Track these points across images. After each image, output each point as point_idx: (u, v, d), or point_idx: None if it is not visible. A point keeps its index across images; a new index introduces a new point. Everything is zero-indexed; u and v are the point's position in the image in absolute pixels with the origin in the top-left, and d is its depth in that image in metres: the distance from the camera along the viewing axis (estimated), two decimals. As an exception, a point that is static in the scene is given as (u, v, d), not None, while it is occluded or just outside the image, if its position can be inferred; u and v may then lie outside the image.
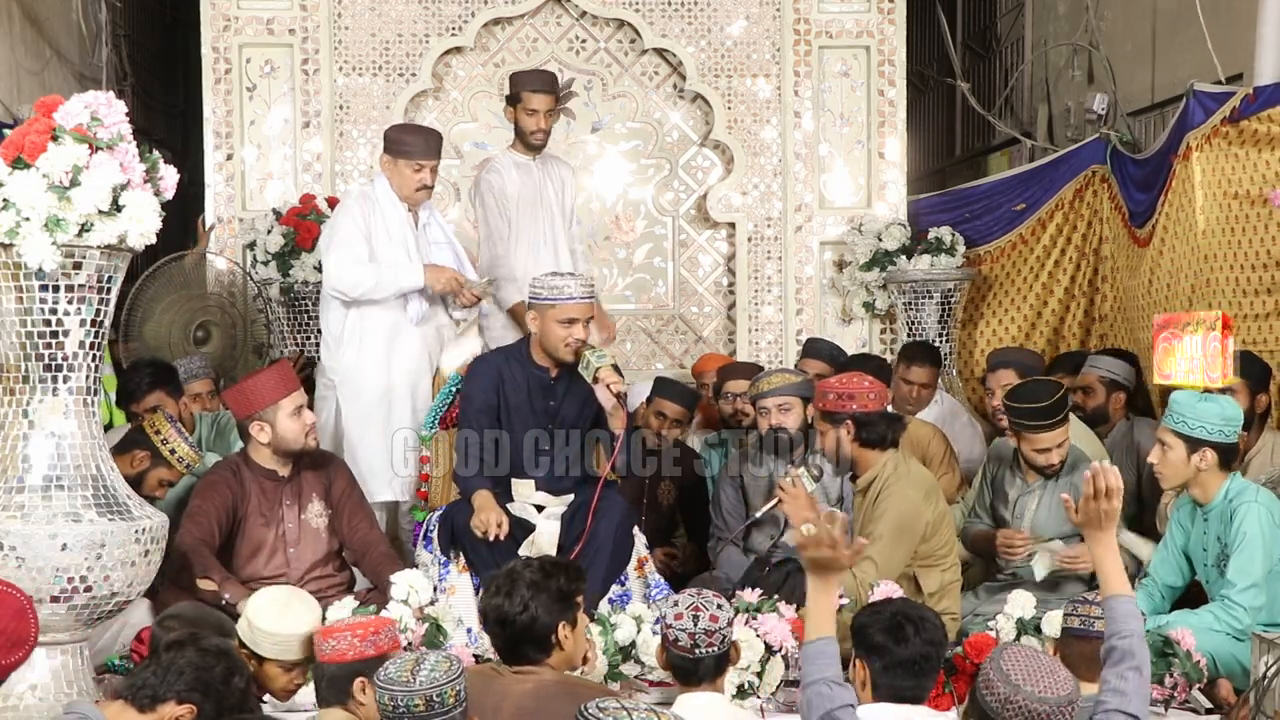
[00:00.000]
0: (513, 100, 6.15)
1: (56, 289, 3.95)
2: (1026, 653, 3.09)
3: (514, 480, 5.03)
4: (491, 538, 4.84)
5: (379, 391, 5.55)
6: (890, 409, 5.06)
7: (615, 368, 5.05)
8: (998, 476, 5.33)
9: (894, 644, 3.50)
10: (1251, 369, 5.44)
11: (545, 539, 4.88)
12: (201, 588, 4.65)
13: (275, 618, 3.84)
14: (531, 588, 3.59)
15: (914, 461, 4.97)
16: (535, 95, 6.08)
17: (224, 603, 4.52)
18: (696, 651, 3.62)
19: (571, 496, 5.02)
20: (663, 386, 6.14)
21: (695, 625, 3.62)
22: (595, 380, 5.00)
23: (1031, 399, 5.08)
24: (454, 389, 5.38)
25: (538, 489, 5.03)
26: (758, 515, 5.04)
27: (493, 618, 3.62)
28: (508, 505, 4.97)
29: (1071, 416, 5.98)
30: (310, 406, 5.10)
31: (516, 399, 5.10)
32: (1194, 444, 4.54)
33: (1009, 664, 3.02)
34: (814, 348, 6.59)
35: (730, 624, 3.68)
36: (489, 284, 5.78)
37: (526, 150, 6.21)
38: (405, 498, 5.52)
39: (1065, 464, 5.16)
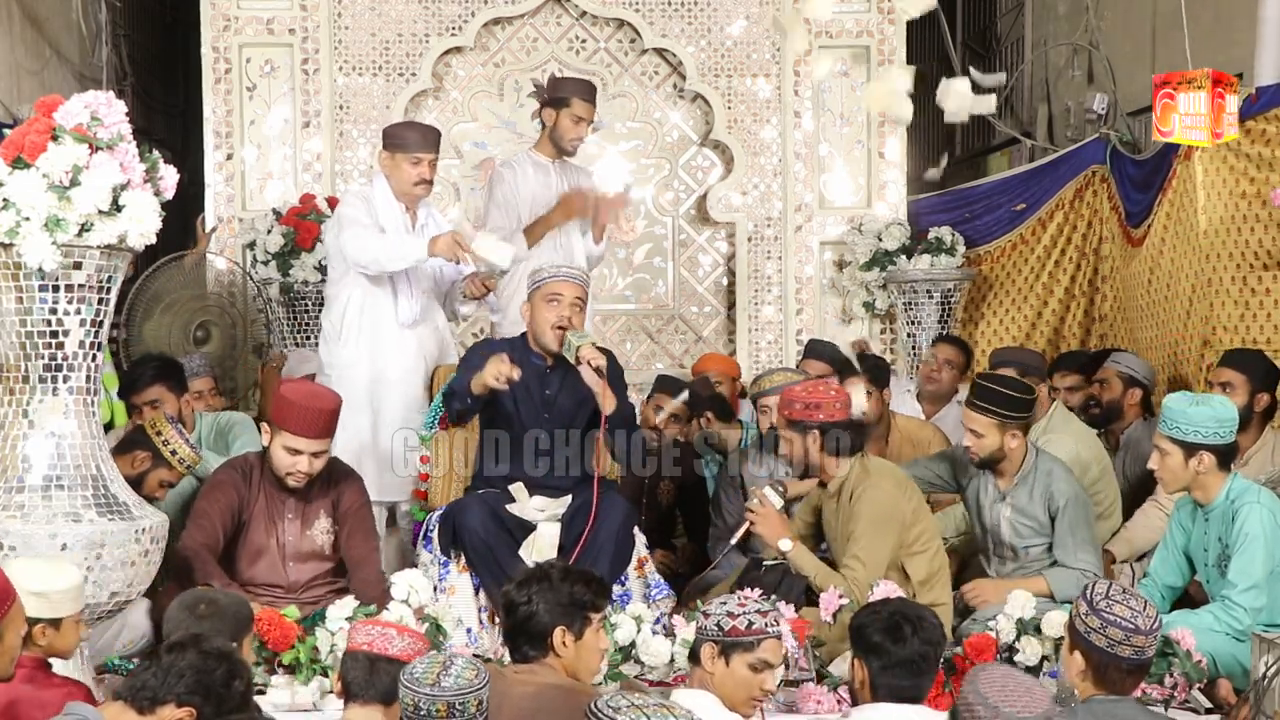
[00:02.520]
0: (557, 104, 6.09)
1: (56, 289, 3.95)
2: (1002, 673, 3.09)
3: (509, 488, 5.01)
4: (505, 380, 4.84)
5: (372, 390, 5.55)
6: (858, 415, 5.00)
7: (596, 346, 5.01)
8: (969, 488, 5.20)
9: (892, 643, 3.50)
10: (1254, 367, 5.41)
11: (546, 540, 4.87)
12: (201, 593, 4.65)
13: (60, 575, 3.65)
14: (543, 582, 3.61)
15: (874, 457, 4.96)
16: (582, 103, 6.03)
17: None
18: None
19: (570, 498, 5.01)
20: (663, 383, 6.14)
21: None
22: (577, 361, 4.98)
23: (991, 379, 5.01)
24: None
25: (537, 492, 5.01)
26: (732, 542, 5.02)
27: (502, 603, 3.68)
28: (508, 506, 4.96)
29: (1076, 422, 5.93)
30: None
31: (514, 386, 5.09)
32: (1190, 449, 4.52)
33: (987, 687, 3.02)
34: (815, 349, 6.58)
35: (721, 629, 3.59)
36: (500, 275, 5.76)
37: (554, 153, 6.16)
38: (400, 498, 5.51)
39: (1026, 473, 4.97)
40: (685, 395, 5.95)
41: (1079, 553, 4.87)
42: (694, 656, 3.67)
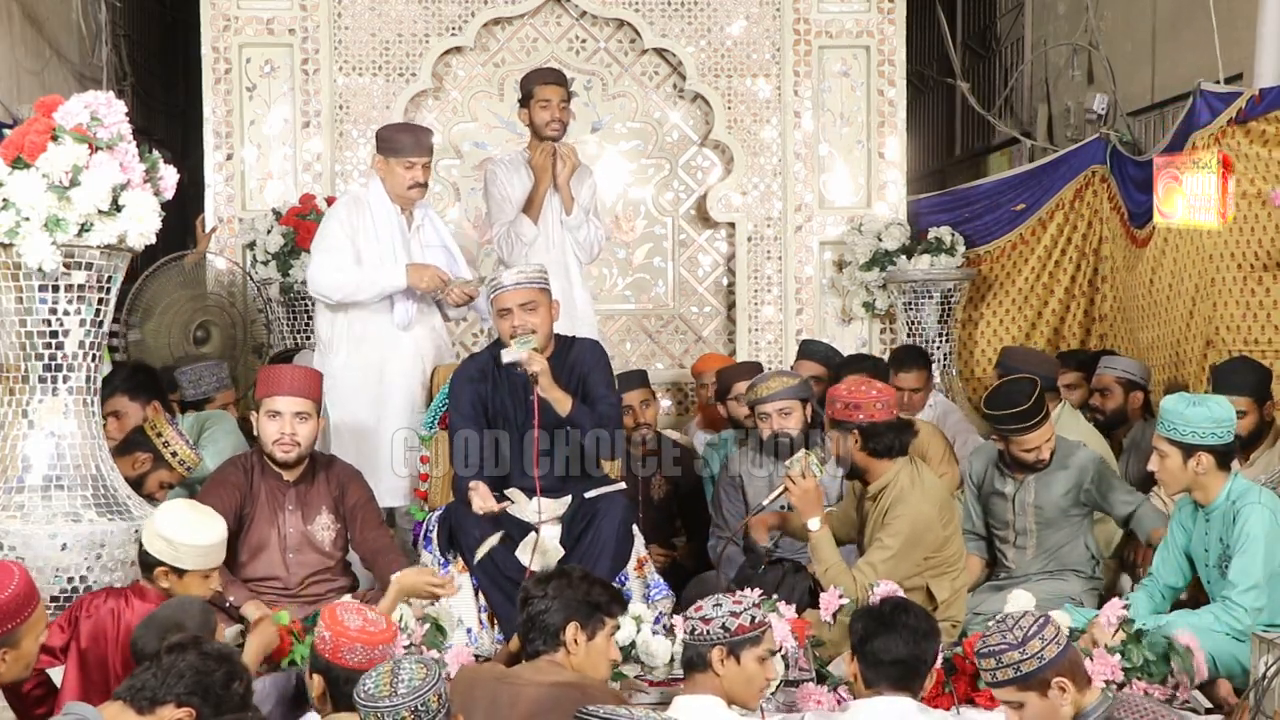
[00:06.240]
0: (525, 101, 6.10)
1: (56, 289, 3.95)
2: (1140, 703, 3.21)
3: (508, 491, 5.01)
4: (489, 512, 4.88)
5: (370, 396, 5.54)
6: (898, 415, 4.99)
7: (535, 350, 4.96)
8: (985, 481, 5.29)
9: (879, 625, 3.62)
10: (1247, 382, 5.33)
11: (549, 542, 4.86)
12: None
13: (195, 531, 3.94)
14: (563, 580, 3.71)
15: (927, 470, 4.89)
16: (545, 86, 6.03)
17: (228, 605, 4.51)
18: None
19: (569, 499, 5.00)
20: (633, 379, 6.16)
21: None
22: (521, 366, 4.98)
23: (1008, 404, 5.03)
24: (455, 389, 5.41)
25: (538, 494, 4.99)
26: (764, 505, 5.00)
27: (519, 597, 3.77)
28: (507, 508, 4.96)
29: (1082, 420, 5.97)
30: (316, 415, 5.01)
31: (499, 397, 5.10)
32: (1188, 450, 4.51)
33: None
34: (809, 349, 6.59)
35: (728, 631, 3.59)
36: (481, 281, 5.76)
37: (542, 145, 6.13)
38: (401, 503, 5.51)
39: (1055, 455, 5.14)
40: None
41: (1128, 497, 5.15)
42: (691, 664, 3.64)
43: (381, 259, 5.51)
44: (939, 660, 3.85)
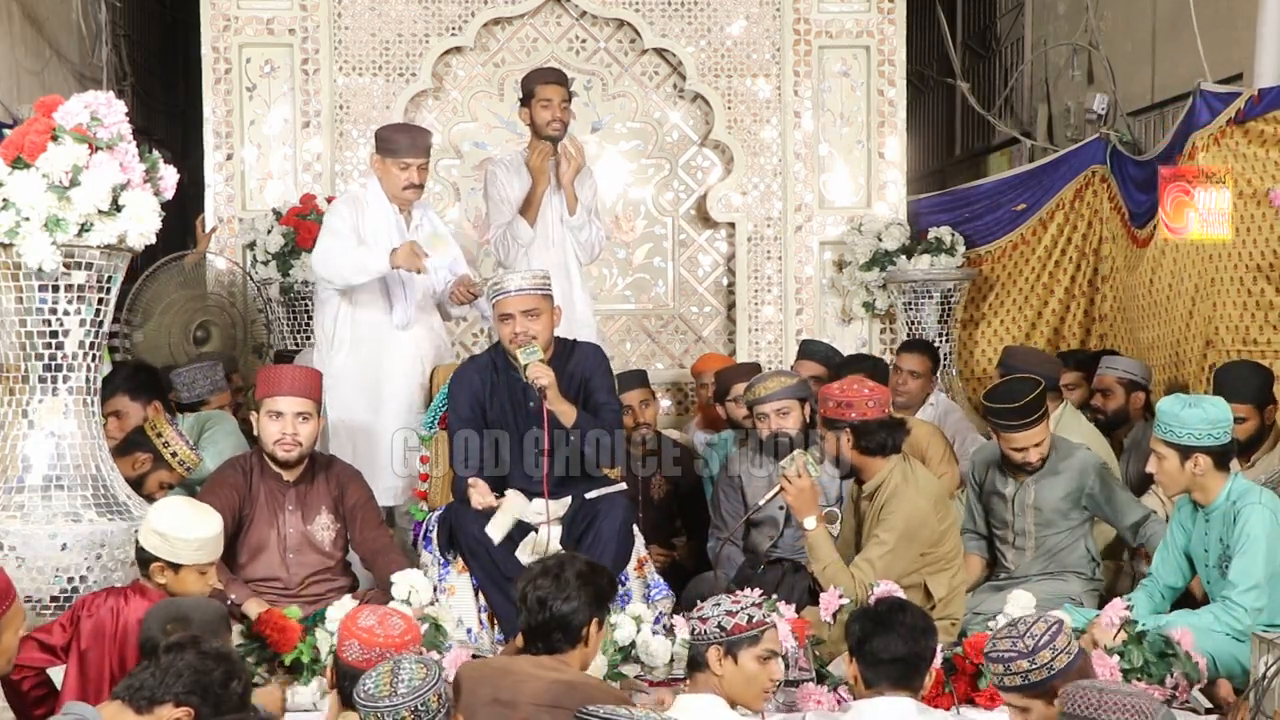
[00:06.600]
0: (526, 100, 6.10)
1: (56, 289, 3.96)
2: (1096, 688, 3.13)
3: (508, 493, 5.01)
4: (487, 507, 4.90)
5: (369, 397, 5.54)
6: (890, 414, 4.99)
7: (544, 361, 4.99)
8: (986, 481, 5.30)
9: (875, 625, 3.60)
10: (1247, 388, 5.34)
11: (550, 543, 4.86)
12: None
13: (190, 525, 3.92)
14: (579, 578, 3.67)
15: (921, 467, 4.90)
16: (546, 86, 6.03)
17: (230, 603, 4.52)
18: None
19: (570, 499, 5.00)
20: (633, 378, 6.16)
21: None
22: (528, 380, 4.98)
23: (1007, 399, 5.05)
24: (455, 390, 5.41)
25: (537, 494, 4.99)
26: (760, 504, 5.01)
27: (533, 597, 3.67)
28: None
29: (1084, 421, 5.97)
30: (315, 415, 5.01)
31: (499, 403, 5.10)
32: (1185, 451, 4.51)
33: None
34: (809, 349, 6.59)
35: (724, 630, 3.60)
36: (484, 282, 5.76)
37: (547, 150, 6.12)
38: (398, 502, 5.51)
39: (1048, 460, 5.13)
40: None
41: (1134, 507, 5.11)
42: (692, 664, 3.67)
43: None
44: (938, 658, 3.86)
